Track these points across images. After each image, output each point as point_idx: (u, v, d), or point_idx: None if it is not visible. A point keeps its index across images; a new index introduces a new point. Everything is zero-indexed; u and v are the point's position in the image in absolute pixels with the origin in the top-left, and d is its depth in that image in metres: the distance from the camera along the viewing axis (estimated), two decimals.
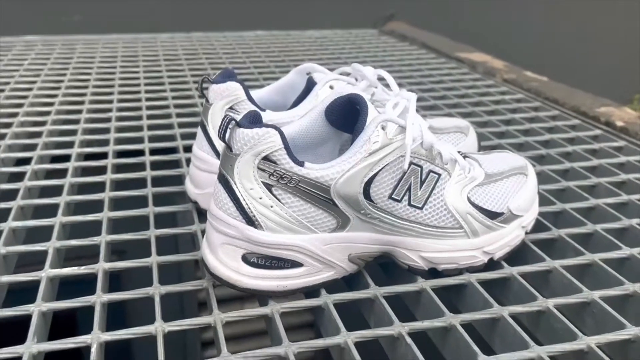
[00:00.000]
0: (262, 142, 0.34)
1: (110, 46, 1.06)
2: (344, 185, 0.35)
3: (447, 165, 0.39)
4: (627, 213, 0.51)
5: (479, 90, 0.85)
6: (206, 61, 0.98)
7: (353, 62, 0.97)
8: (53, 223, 0.45)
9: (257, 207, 0.35)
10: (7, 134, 0.64)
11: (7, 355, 0.32)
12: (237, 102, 0.43)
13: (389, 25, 1.30)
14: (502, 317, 0.37)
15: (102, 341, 0.33)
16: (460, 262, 0.40)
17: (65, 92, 0.79)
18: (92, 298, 0.37)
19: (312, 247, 0.36)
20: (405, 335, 0.34)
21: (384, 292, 0.38)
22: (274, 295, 0.37)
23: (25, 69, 0.89)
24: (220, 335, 0.34)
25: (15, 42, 1.07)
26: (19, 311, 0.35)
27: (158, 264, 0.40)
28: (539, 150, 0.64)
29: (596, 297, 0.39)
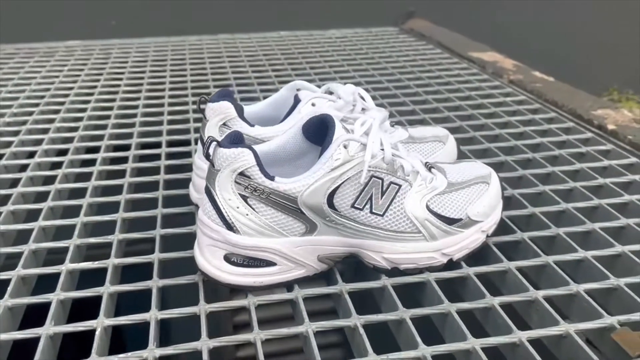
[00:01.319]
0: (238, 160, 0.40)
1: (142, 50, 1.14)
2: (309, 196, 0.41)
3: (409, 176, 0.45)
4: (595, 217, 0.55)
5: (483, 92, 0.88)
6: (228, 64, 1.04)
7: (368, 63, 1.01)
8: (76, 222, 0.53)
9: (234, 215, 0.41)
10: (44, 139, 0.72)
11: (29, 335, 0.39)
12: (229, 119, 0.49)
13: (409, 23, 1.34)
14: (449, 313, 0.42)
15: (106, 325, 0.40)
16: (419, 263, 0.45)
17: (98, 98, 0.87)
18: (102, 289, 0.44)
19: (283, 249, 0.42)
20: (360, 326, 0.40)
21: (349, 288, 0.44)
22: (252, 290, 0.43)
23: (64, 75, 0.98)
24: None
25: (57, 48, 1.17)
26: (41, 299, 0.43)
27: (160, 259, 0.47)
28: (526, 154, 0.67)
29: (540, 296, 0.43)
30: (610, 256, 0.49)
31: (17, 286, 0.45)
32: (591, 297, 0.44)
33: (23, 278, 0.46)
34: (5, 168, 0.65)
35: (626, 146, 0.68)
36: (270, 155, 0.45)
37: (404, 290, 0.45)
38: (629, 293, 0.44)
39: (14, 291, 0.44)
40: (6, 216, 0.54)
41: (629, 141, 0.69)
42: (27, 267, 0.47)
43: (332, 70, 1.00)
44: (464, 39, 1.19)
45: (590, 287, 0.44)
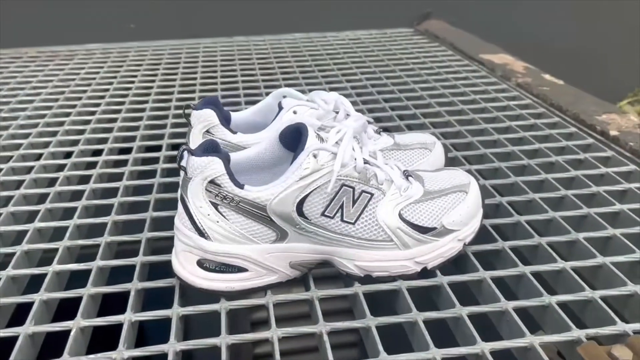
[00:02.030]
0: (208, 169, 0.41)
1: (157, 52, 1.17)
2: (278, 204, 0.42)
3: (382, 185, 0.45)
4: (582, 227, 0.54)
5: (488, 96, 0.87)
6: (239, 67, 1.06)
7: (376, 65, 1.01)
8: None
9: (206, 222, 0.42)
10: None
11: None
12: (212, 126, 0.51)
13: (425, 25, 1.33)
14: (416, 322, 0.42)
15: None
16: (391, 271, 0.46)
17: (108, 101, 0.90)
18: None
19: (255, 256, 0.43)
20: (324, 333, 0.41)
21: (320, 294, 0.45)
22: (224, 295, 0.44)
23: (80, 78, 1.02)
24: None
25: (77, 51, 1.21)
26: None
27: (142, 262, 0.49)
28: (522, 160, 0.67)
29: (510, 307, 0.43)
30: (590, 267, 0.48)
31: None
32: (566, 308, 0.43)
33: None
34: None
35: (627, 153, 0.67)
36: (249, 162, 0.47)
37: (376, 298, 0.45)
38: (602, 305, 0.43)
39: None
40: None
41: (629, 148, 0.67)
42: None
43: (340, 72, 1.01)
44: (478, 41, 1.17)
45: (564, 299, 0.44)
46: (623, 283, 0.46)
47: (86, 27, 1.34)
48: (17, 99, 0.91)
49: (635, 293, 0.45)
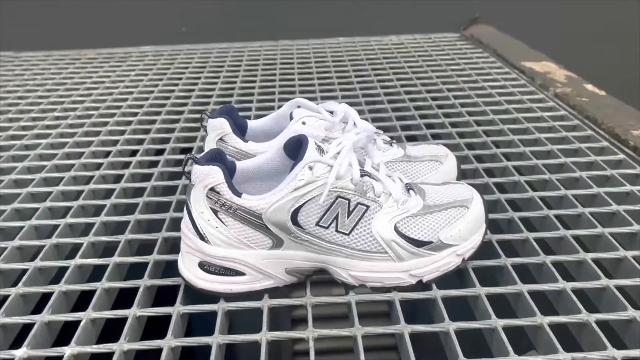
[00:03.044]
0: (209, 177, 0.43)
1: (205, 55, 1.22)
2: (273, 213, 0.44)
3: (380, 197, 0.46)
4: (594, 248, 0.53)
5: (522, 106, 0.86)
6: (279, 71, 1.08)
7: (414, 71, 1.02)
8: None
9: (206, 227, 0.45)
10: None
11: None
12: (224, 135, 0.53)
13: (471, 29, 1.31)
14: (403, 334, 0.43)
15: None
16: (385, 282, 0.47)
17: (152, 103, 0.94)
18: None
19: (252, 261, 0.45)
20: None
21: (314, 301, 0.46)
22: (223, 296, 0.47)
23: (130, 80, 1.07)
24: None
25: (132, 53, 1.27)
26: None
27: (155, 260, 0.52)
28: (544, 175, 0.65)
29: (500, 325, 0.43)
30: (593, 289, 0.47)
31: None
32: (560, 329, 0.43)
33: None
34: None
35: None
36: (255, 170, 0.49)
37: (371, 308, 0.47)
38: (594, 329, 0.42)
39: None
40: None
41: None
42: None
43: (376, 78, 1.02)
44: (523, 47, 1.15)
45: (559, 320, 0.44)
46: (624, 308, 0.45)
47: (142, 29, 1.41)
48: (70, 99, 0.97)
49: (634, 319, 0.43)
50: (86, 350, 0.42)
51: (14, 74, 1.15)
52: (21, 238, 0.57)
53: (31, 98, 0.99)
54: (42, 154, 0.77)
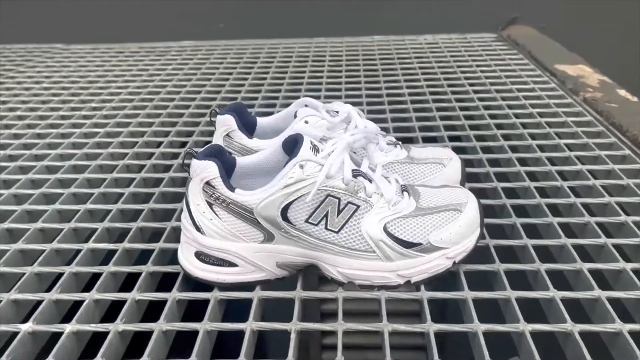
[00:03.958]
0: (205, 171, 0.46)
1: (240, 51, 1.25)
2: (264, 209, 0.45)
3: (371, 198, 0.47)
4: (591, 258, 0.52)
5: (548, 111, 0.84)
6: (309, 68, 1.10)
7: (443, 72, 1.01)
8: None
9: (201, 219, 0.47)
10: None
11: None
12: (231, 131, 0.55)
13: (510, 30, 1.29)
14: (383, 331, 0.44)
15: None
16: (373, 281, 0.48)
17: (183, 97, 0.98)
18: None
19: (244, 253, 0.47)
20: (293, 331, 0.44)
21: (304, 295, 0.48)
22: (217, 286, 0.49)
23: (166, 74, 1.12)
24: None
25: (172, 47, 1.32)
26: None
27: (161, 248, 0.55)
28: (556, 182, 0.64)
29: (481, 329, 0.43)
30: (585, 299, 0.47)
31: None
32: (541, 337, 0.43)
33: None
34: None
35: None
36: (255, 166, 0.51)
37: (358, 305, 0.48)
38: (577, 340, 0.42)
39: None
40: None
41: None
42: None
43: (404, 78, 1.02)
44: (560, 50, 1.12)
45: (539, 329, 0.43)
46: (612, 320, 0.44)
47: (184, 24, 1.45)
48: (108, 91, 1.02)
49: (620, 332, 0.43)
50: (85, 328, 0.45)
51: (61, 65, 1.21)
52: (44, 221, 0.61)
53: (73, 89, 1.04)
54: (75, 142, 0.81)
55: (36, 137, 0.84)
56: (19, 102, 0.99)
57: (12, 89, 1.06)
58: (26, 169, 0.73)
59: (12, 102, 0.99)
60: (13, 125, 0.88)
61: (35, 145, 0.81)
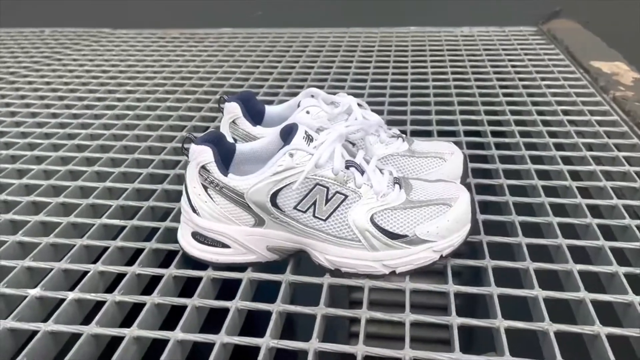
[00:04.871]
0: (201, 156, 0.48)
1: (275, 39, 1.27)
2: (254, 194, 0.47)
3: (360, 188, 0.48)
4: (597, 260, 0.51)
5: (573, 108, 0.82)
6: (339, 58, 1.11)
7: (472, 65, 1.00)
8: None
9: (197, 201, 0.49)
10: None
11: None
12: (236, 118, 0.57)
13: (551, 24, 1.25)
14: (361, 318, 0.45)
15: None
16: (358, 269, 0.49)
17: (213, 83, 1.01)
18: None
19: (236, 236, 0.50)
20: (275, 312, 0.46)
21: (291, 279, 0.50)
22: (211, 265, 0.51)
23: (201, 60, 1.15)
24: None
25: (211, 34, 1.35)
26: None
27: (167, 227, 0.58)
28: (565, 182, 0.63)
29: (457, 322, 0.44)
30: (572, 300, 0.47)
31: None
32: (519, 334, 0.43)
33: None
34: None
35: None
36: (253, 153, 0.53)
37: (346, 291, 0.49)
38: (552, 339, 0.42)
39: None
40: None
41: None
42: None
43: (432, 70, 1.01)
44: (599, 46, 1.08)
45: (516, 325, 0.44)
46: (592, 322, 0.44)
47: (225, 12, 1.49)
48: (144, 75, 1.07)
49: (599, 334, 0.42)
50: (86, 297, 0.49)
51: (105, 49, 1.27)
52: (66, 196, 0.65)
53: (112, 72, 1.09)
54: (106, 124, 0.86)
55: (72, 117, 0.89)
56: (62, 83, 1.04)
57: (57, 70, 1.13)
58: (58, 147, 0.78)
59: (55, 83, 1.05)
60: (52, 105, 0.93)
61: (69, 124, 0.85)
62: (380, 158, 0.57)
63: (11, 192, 0.66)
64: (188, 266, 0.52)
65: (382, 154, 0.57)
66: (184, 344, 0.44)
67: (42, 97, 0.97)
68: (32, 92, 0.99)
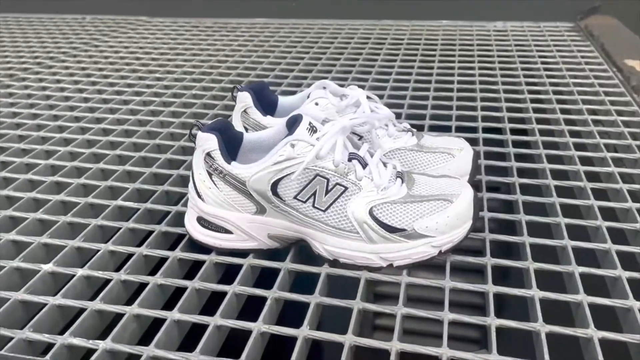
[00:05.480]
0: (206, 143, 0.49)
1: (306, 30, 1.27)
2: (255, 182, 0.48)
3: (361, 181, 0.49)
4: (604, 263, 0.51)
5: (600, 108, 0.80)
6: (367, 51, 1.11)
7: (501, 61, 0.99)
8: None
9: (202, 187, 0.51)
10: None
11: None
12: (247, 107, 0.58)
13: (589, 20, 1.21)
14: (354, 309, 0.46)
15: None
16: (356, 261, 0.49)
17: (240, 72, 1.03)
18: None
19: (238, 222, 0.51)
20: (270, 299, 0.47)
21: (290, 267, 0.51)
22: (214, 250, 0.53)
23: (230, 49, 1.17)
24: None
25: (243, 23, 1.37)
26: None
27: (177, 211, 0.60)
28: (580, 182, 0.62)
29: (449, 318, 0.44)
30: (569, 302, 0.46)
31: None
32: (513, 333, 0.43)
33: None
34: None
35: None
36: (260, 143, 0.54)
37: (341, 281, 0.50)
38: (542, 339, 0.42)
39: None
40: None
41: None
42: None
43: (458, 65, 1.00)
44: (637, 43, 1.04)
45: (509, 325, 0.43)
46: (586, 326, 0.43)
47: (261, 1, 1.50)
48: (174, 63, 1.09)
49: (592, 337, 0.42)
50: (94, 274, 0.51)
51: (140, 36, 1.30)
52: (87, 178, 0.68)
53: (144, 59, 1.13)
54: (133, 109, 0.88)
55: (102, 101, 0.92)
56: (96, 69, 1.08)
57: (93, 56, 1.16)
58: (85, 130, 0.81)
59: (90, 68, 1.08)
60: (85, 90, 0.97)
61: (98, 109, 0.89)
62: (387, 152, 0.57)
63: (37, 172, 0.70)
64: (194, 250, 0.54)
65: (389, 148, 0.57)
66: (181, 324, 0.46)
67: (76, 82, 1.01)
68: (67, 77, 1.03)
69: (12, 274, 0.52)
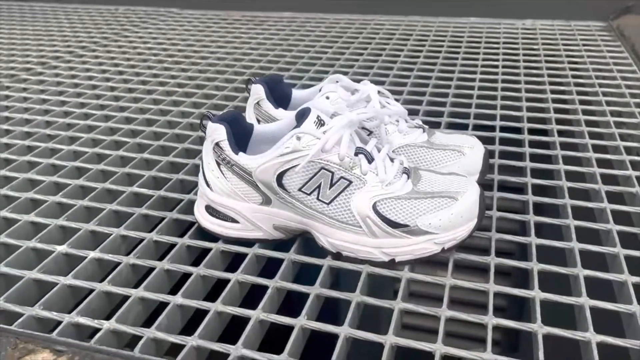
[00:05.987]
0: (215, 133, 0.50)
1: (331, 25, 1.28)
2: (261, 173, 0.49)
3: (366, 175, 0.49)
4: (612, 266, 0.50)
5: (623, 110, 0.78)
6: (390, 47, 1.10)
7: (526, 59, 0.97)
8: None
9: (210, 176, 0.52)
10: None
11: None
12: (260, 99, 0.59)
13: (621, 19, 1.18)
14: (353, 302, 0.46)
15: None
16: (358, 254, 0.50)
17: (262, 65, 1.04)
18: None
19: (244, 212, 0.52)
20: (271, 288, 0.48)
21: (294, 258, 0.51)
22: (221, 238, 0.54)
23: (256, 42, 1.18)
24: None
25: (271, 17, 1.38)
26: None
27: (189, 199, 0.61)
28: (596, 184, 0.61)
29: (446, 314, 0.44)
30: (569, 305, 0.45)
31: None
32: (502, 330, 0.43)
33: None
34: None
35: None
36: (270, 135, 0.54)
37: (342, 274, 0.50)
38: (539, 340, 0.41)
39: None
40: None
41: None
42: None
43: (481, 63, 0.99)
44: None
45: (506, 324, 0.43)
46: (585, 329, 0.42)
47: None
48: (199, 55, 1.11)
49: (590, 341, 0.41)
50: (105, 257, 0.53)
51: (169, 28, 1.33)
52: (106, 164, 0.70)
53: (171, 50, 1.15)
54: (156, 99, 0.90)
55: (127, 91, 0.95)
56: (124, 59, 1.11)
57: (123, 47, 1.19)
58: (109, 118, 0.83)
59: (118, 58, 1.11)
60: (112, 79, 0.99)
61: (123, 98, 0.91)
62: (396, 148, 0.57)
63: (60, 157, 0.72)
64: (203, 238, 0.55)
65: (398, 144, 0.57)
66: (184, 308, 0.47)
67: (104, 71, 1.03)
68: (96, 67, 1.06)
69: (28, 253, 0.54)
